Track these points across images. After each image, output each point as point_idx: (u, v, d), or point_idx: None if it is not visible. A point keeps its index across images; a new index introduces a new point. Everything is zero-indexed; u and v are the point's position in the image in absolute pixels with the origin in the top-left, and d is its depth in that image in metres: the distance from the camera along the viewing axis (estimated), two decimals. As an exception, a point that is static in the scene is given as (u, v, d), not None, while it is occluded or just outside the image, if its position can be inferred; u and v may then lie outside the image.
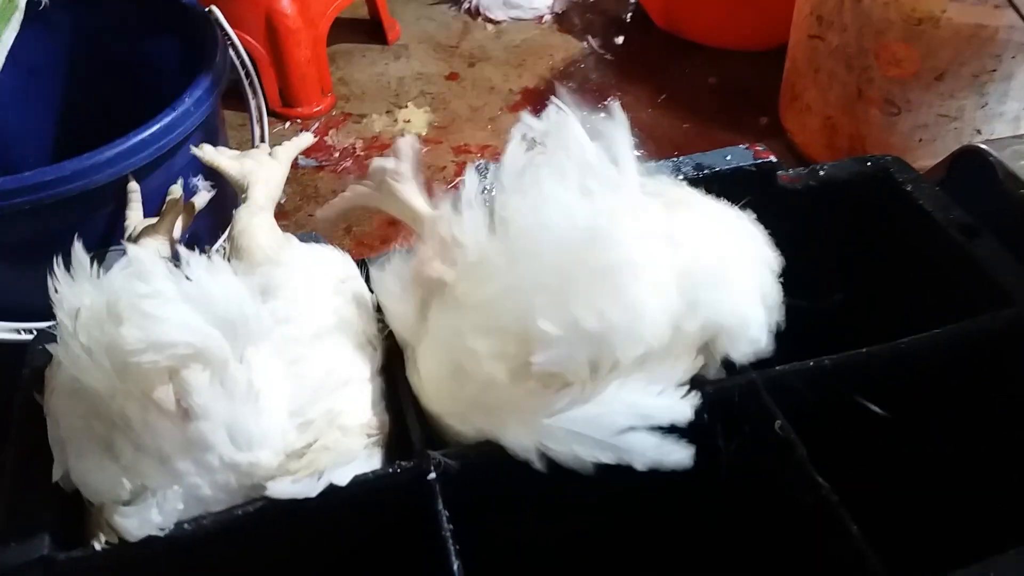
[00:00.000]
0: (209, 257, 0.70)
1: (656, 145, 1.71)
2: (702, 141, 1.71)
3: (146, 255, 0.63)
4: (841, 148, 1.56)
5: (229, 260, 0.79)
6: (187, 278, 0.63)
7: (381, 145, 1.77)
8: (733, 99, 1.84)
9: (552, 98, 0.76)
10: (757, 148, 1.01)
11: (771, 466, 0.78)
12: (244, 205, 0.84)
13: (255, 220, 0.81)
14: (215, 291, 0.63)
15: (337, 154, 1.75)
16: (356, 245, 1.56)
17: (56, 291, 0.65)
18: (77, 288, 0.64)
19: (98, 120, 1.31)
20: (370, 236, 1.57)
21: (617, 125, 0.73)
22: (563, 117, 0.74)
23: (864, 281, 1.00)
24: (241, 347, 0.67)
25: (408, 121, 1.83)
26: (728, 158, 0.99)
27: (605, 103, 0.85)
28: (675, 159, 0.99)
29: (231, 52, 1.23)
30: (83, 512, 0.71)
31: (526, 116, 0.77)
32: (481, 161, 1.72)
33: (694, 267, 0.70)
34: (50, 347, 0.68)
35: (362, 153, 1.76)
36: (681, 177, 0.96)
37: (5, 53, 0.74)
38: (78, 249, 0.66)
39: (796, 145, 1.66)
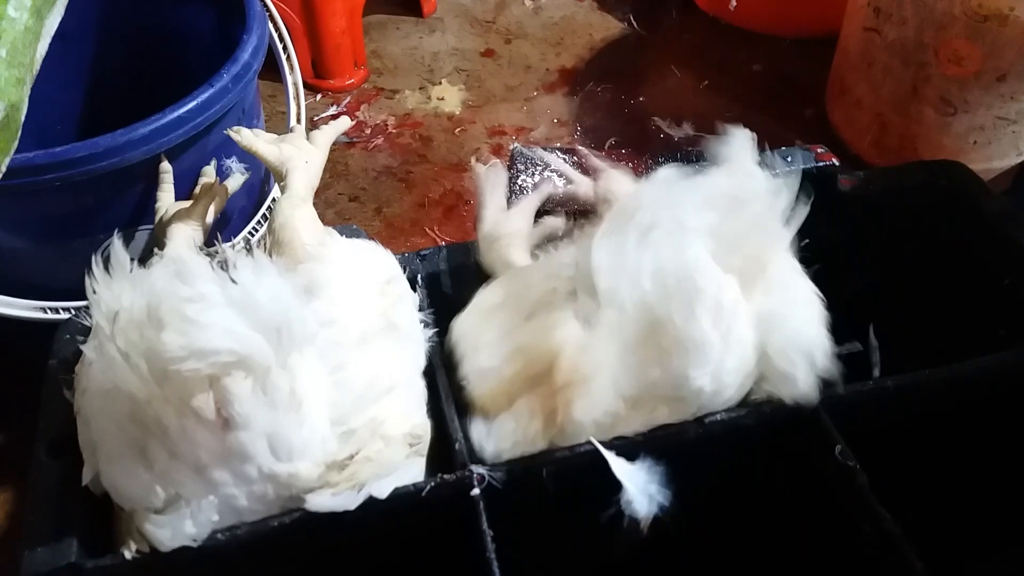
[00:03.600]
0: (251, 253, 0.66)
1: (698, 133, 1.66)
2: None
3: (189, 255, 0.59)
4: (890, 146, 1.51)
5: (270, 254, 0.75)
6: (232, 280, 0.60)
7: (413, 123, 1.72)
8: (777, 88, 1.78)
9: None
10: (818, 150, 0.97)
11: (830, 493, 0.74)
12: (285, 196, 0.80)
13: (297, 213, 0.77)
14: (261, 295, 0.59)
15: (368, 130, 1.70)
16: (386, 227, 1.52)
17: (94, 291, 0.61)
18: (115, 288, 0.61)
19: (129, 90, 1.28)
20: (400, 218, 1.53)
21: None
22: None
23: (926, 295, 0.96)
24: (284, 353, 0.63)
25: (442, 99, 1.78)
26: (789, 159, 0.95)
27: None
28: (734, 157, 0.95)
29: (269, 25, 1.18)
30: (112, 515, 0.68)
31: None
32: (516, 144, 1.67)
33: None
34: (83, 348, 0.65)
35: (394, 131, 1.71)
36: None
37: (50, 39, 0.69)
38: (117, 247, 0.62)
39: (842, 140, 1.60)
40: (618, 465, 0.69)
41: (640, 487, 0.69)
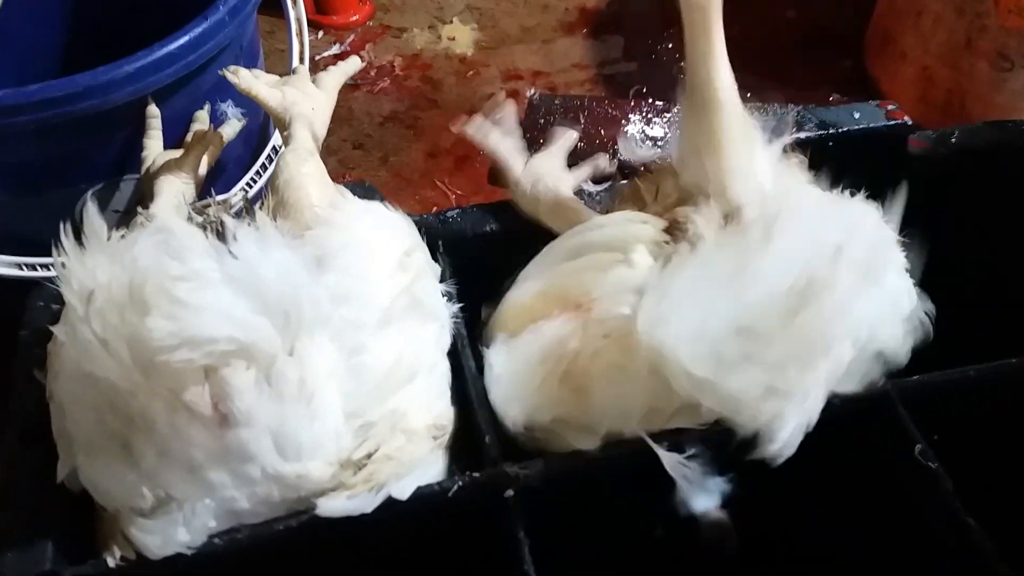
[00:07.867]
0: (253, 218, 0.57)
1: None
2: (779, 82, 1.54)
3: (178, 223, 0.49)
4: (935, 102, 1.41)
5: (273, 216, 0.65)
6: (231, 254, 0.50)
7: (422, 65, 1.61)
8: (813, 37, 1.66)
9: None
10: (889, 107, 0.87)
11: (908, 499, 0.66)
12: (289, 148, 0.70)
13: (304, 168, 0.67)
14: (266, 271, 0.50)
15: (373, 72, 1.59)
16: (393, 177, 1.42)
17: (64, 265, 0.51)
18: (89, 262, 0.51)
19: (117, 25, 1.16)
20: (408, 168, 1.43)
21: None
22: None
23: (1006, 271, 0.87)
24: (293, 337, 0.54)
25: (452, 39, 1.67)
26: (857, 116, 0.85)
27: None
28: (796, 112, 0.86)
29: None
30: (94, 514, 0.60)
31: None
32: (534, 90, 1.56)
33: None
34: (53, 328, 0.55)
35: (401, 72, 1.60)
36: (803, 135, 0.82)
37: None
38: (91, 212, 0.52)
39: (883, 94, 1.49)
40: (668, 459, 0.60)
41: (695, 481, 0.60)
